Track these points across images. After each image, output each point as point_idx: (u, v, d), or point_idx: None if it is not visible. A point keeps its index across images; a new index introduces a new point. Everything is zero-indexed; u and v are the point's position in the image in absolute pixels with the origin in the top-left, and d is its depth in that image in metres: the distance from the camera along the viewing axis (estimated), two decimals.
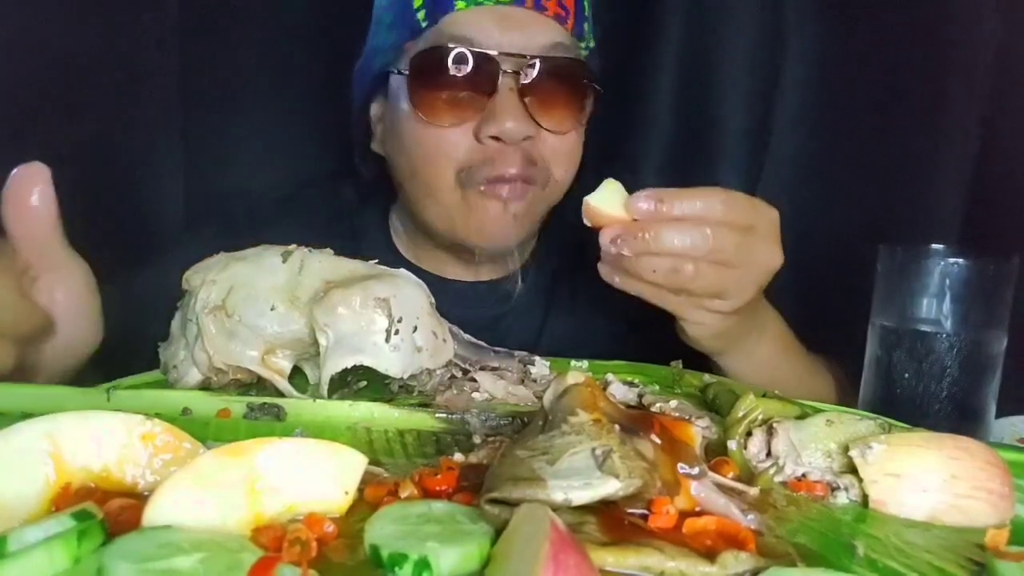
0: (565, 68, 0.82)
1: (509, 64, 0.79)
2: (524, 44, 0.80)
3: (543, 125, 0.82)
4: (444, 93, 0.80)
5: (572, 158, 0.87)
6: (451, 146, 0.81)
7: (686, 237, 0.65)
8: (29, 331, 0.58)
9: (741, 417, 0.55)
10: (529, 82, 0.80)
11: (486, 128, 0.79)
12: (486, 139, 0.80)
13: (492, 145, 0.80)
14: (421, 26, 0.82)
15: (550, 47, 0.81)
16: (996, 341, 0.68)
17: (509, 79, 0.79)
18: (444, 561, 0.35)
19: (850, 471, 0.49)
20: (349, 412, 0.58)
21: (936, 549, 0.42)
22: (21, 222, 0.57)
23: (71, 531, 0.34)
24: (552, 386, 0.50)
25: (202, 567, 0.33)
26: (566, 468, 0.40)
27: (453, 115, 0.81)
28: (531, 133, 0.81)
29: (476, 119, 0.80)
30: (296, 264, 0.63)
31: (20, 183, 0.56)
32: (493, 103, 0.79)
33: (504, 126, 0.79)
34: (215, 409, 0.57)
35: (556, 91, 0.82)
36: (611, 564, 0.36)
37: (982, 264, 0.67)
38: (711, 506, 0.42)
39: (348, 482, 0.42)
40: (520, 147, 0.81)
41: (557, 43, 0.82)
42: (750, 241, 0.67)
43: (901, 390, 0.69)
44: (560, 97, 0.83)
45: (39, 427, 0.40)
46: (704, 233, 0.65)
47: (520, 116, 0.79)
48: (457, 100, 0.80)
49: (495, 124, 0.79)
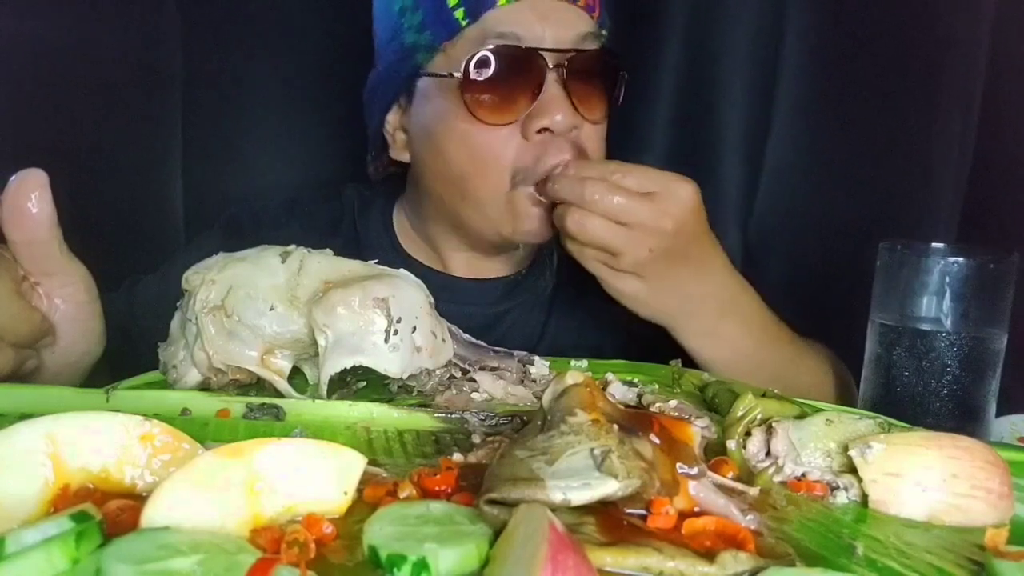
0: (600, 58, 0.84)
1: (553, 58, 0.81)
2: (562, 36, 0.82)
3: (585, 116, 0.83)
4: (497, 92, 0.81)
5: (604, 146, 0.89)
6: (502, 145, 0.82)
7: (583, 189, 0.73)
8: (28, 336, 0.58)
9: (740, 417, 0.55)
10: (572, 74, 0.81)
11: (535, 122, 0.80)
12: (534, 134, 0.81)
13: (539, 139, 0.81)
14: (460, 25, 0.82)
15: (583, 38, 0.83)
16: (996, 339, 0.68)
17: (554, 72, 0.80)
18: (443, 562, 0.35)
19: (849, 471, 0.49)
20: (348, 412, 0.57)
21: (935, 549, 0.42)
22: (20, 228, 0.57)
23: (69, 532, 0.34)
24: (551, 386, 0.50)
25: (200, 568, 0.33)
26: (565, 468, 0.40)
27: (504, 114, 0.81)
28: (578, 123, 0.82)
29: (523, 116, 0.81)
30: (295, 264, 0.63)
31: (18, 188, 0.56)
32: (542, 97, 0.80)
33: (555, 118, 0.80)
34: (214, 409, 0.57)
35: (594, 81, 0.84)
36: (610, 564, 0.36)
37: (982, 262, 0.67)
38: (710, 506, 0.42)
39: (347, 482, 0.42)
40: (568, 137, 0.82)
41: (589, 33, 0.84)
42: (643, 202, 0.73)
43: (901, 388, 0.69)
44: (597, 87, 0.85)
45: (38, 428, 0.40)
46: (597, 187, 0.72)
47: (567, 108, 0.81)
48: (509, 98, 0.81)
49: (545, 117, 0.80)
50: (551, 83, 0.80)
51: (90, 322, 0.63)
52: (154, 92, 1.15)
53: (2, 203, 0.57)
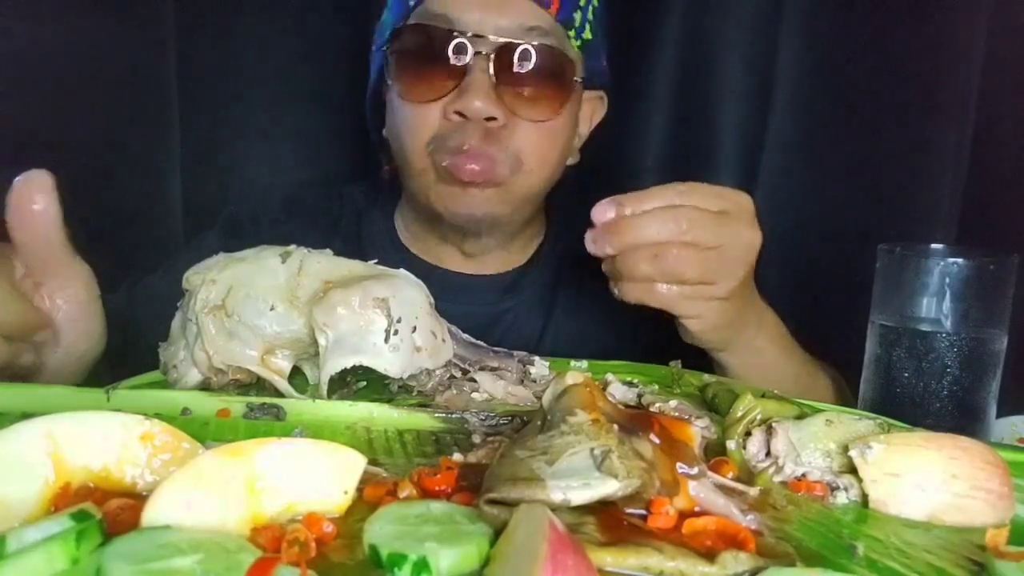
0: (544, 55, 0.82)
1: (483, 46, 0.80)
2: (502, 26, 0.81)
3: (515, 112, 0.82)
4: (420, 71, 0.83)
5: (546, 149, 0.87)
6: (423, 121, 0.83)
7: (660, 224, 0.66)
8: (18, 328, 0.58)
9: (740, 417, 0.55)
10: (503, 65, 0.81)
11: (453, 104, 0.81)
12: (452, 115, 0.82)
13: (456, 120, 0.82)
14: (410, 4, 0.85)
15: (527, 30, 0.82)
16: (996, 340, 0.68)
17: (482, 60, 0.80)
18: (443, 561, 0.35)
19: (850, 471, 0.49)
20: (348, 412, 0.57)
21: (936, 549, 0.42)
22: (25, 228, 0.58)
23: (70, 531, 0.34)
24: (551, 386, 0.50)
25: (201, 568, 0.33)
26: (565, 468, 0.40)
27: (427, 92, 0.82)
28: (496, 115, 0.81)
29: (447, 97, 0.82)
30: (295, 264, 0.63)
31: (23, 190, 0.57)
32: (464, 82, 0.81)
33: (471, 104, 0.80)
34: (214, 409, 0.57)
35: (532, 78, 0.82)
36: (610, 564, 0.36)
37: (982, 263, 0.67)
38: (710, 506, 0.42)
39: (347, 482, 0.42)
40: (482, 125, 0.81)
41: (535, 27, 0.82)
42: (725, 222, 0.68)
43: (901, 389, 0.69)
44: (535, 84, 0.83)
45: (38, 427, 0.40)
46: (676, 216, 0.66)
47: (487, 97, 0.80)
48: (432, 78, 0.82)
49: (461, 101, 0.80)
50: (476, 70, 0.80)
51: (91, 322, 0.63)
52: (152, 92, 1.16)
53: (7, 204, 0.57)
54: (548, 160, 0.88)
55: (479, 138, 0.82)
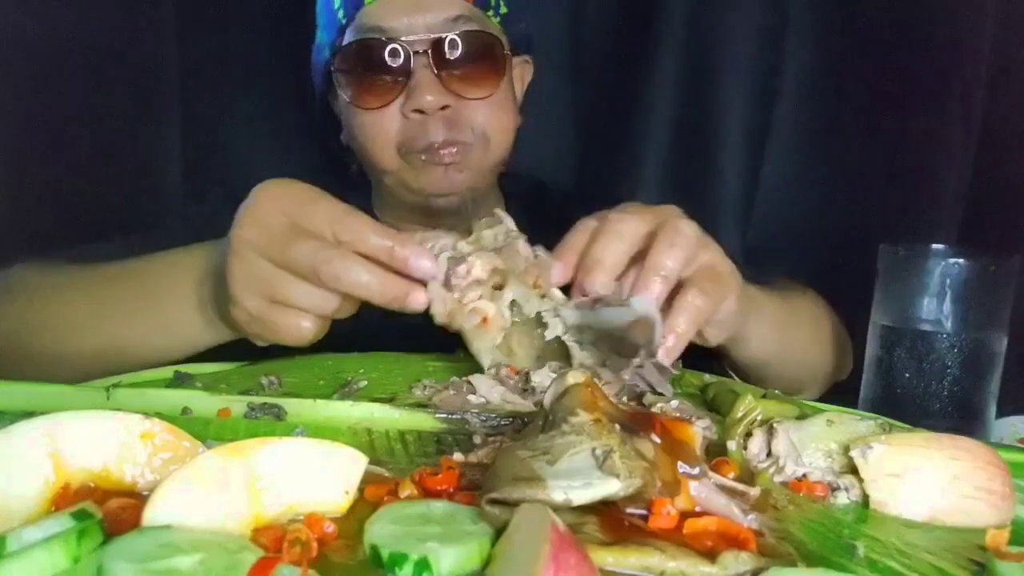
0: (472, 39, 0.89)
1: (420, 45, 0.87)
2: (430, 23, 0.88)
3: (462, 94, 0.89)
4: (369, 81, 0.89)
5: (501, 119, 0.95)
6: (385, 125, 0.90)
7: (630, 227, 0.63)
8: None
9: (741, 417, 0.55)
10: (440, 57, 0.87)
11: (407, 104, 0.88)
12: (410, 114, 0.88)
13: (416, 118, 0.88)
14: (342, 23, 0.91)
15: (454, 21, 0.89)
16: (996, 341, 0.68)
17: (422, 58, 0.87)
18: (444, 561, 0.35)
19: (851, 471, 0.49)
20: (349, 412, 0.57)
21: (937, 550, 0.42)
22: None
23: (70, 531, 0.34)
24: (552, 386, 0.49)
25: (202, 567, 0.33)
26: (566, 468, 0.40)
27: (380, 98, 0.89)
28: (447, 103, 0.88)
29: (400, 99, 0.89)
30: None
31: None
32: (410, 82, 0.88)
33: (424, 100, 0.86)
34: (215, 408, 0.57)
35: (467, 62, 0.89)
36: (612, 564, 0.36)
37: (982, 264, 0.67)
38: (711, 506, 0.42)
39: (349, 482, 0.42)
40: (442, 116, 0.88)
41: (459, 16, 0.89)
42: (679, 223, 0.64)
43: (902, 390, 0.69)
44: (471, 66, 0.90)
45: (39, 426, 0.40)
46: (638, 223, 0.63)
47: (435, 89, 0.87)
48: (381, 85, 0.89)
49: (413, 99, 0.87)
50: (419, 68, 0.87)
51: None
52: (151, 83, 1.16)
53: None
54: (506, 127, 0.96)
55: (444, 129, 0.89)
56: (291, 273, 0.59)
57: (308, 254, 0.57)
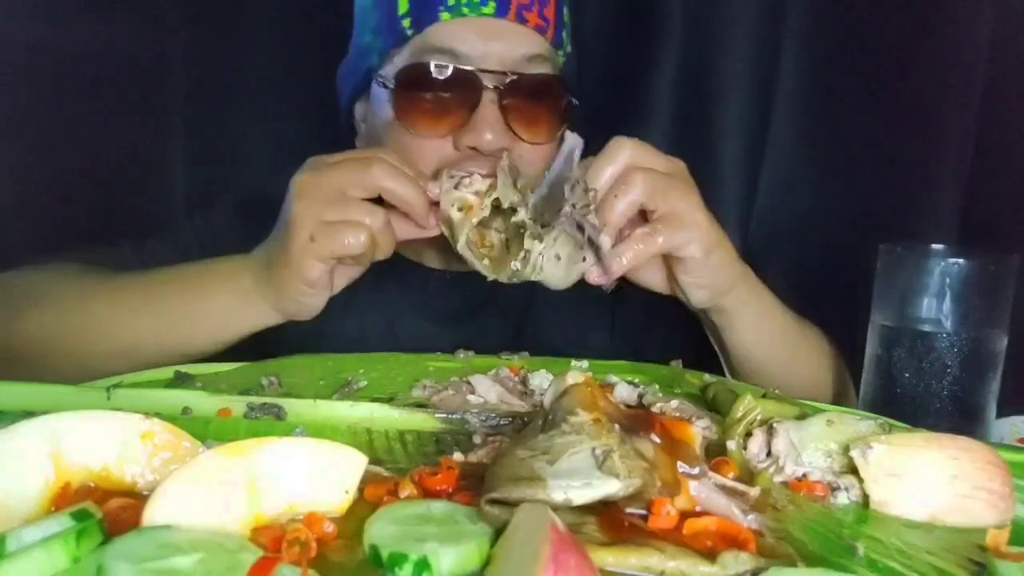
0: (545, 84, 0.84)
1: (490, 80, 0.81)
2: (505, 56, 0.82)
3: (521, 137, 0.83)
4: (427, 106, 0.82)
5: (540, 164, 0.87)
6: (431, 153, 0.83)
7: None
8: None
9: (741, 417, 0.55)
10: (509, 96, 0.81)
11: (466, 139, 0.81)
12: (464, 148, 0.82)
13: (469, 153, 0.82)
14: (407, 34, 0.84)
15: (530, 59, 0.83)
16: (996, 340, 0.68)
17: (491, 93, 0.81)
18: (444, 561, 0.35)
19: (851, 471, 0.49)
20: (349, 412, 0.57)
21: (937, 549, 0.42)
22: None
23: (70, 531, 0.34)
24: (552, 386, 0.50)
25: (201, 567, 0.33)
26: (566, 468, 0.40)
27: (435, 127, 0.82)
28: (507, 145, 0.81)
29: (457, 130, 0.82)
30: None
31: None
32: (474, 116, 0.81)
33: (483, 138, 0.80)
34: (215, 408, 0.57)
35: (534, 106, 0.83)
36: (611, 564, 0.36)
37: (982, 263, 0.67)
38: (711, 506, 0.42)
39: (348, 482, 0.42)
40: (493, 155, 0.81)
41: (536, 55, 0.84)
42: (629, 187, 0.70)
43: (901, 389, 0.69)
44: (538, 111, 0.84)
45: (39, 426, 0.40)
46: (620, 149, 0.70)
47: (499, 129, 0.81)
48: (440, 113, 0.82)
49: (474, 135, 0.80)
50: (486, 103, 0.81)
51: None
52: (155, 87, 1.16)
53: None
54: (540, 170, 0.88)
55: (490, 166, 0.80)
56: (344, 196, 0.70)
57: (355, 167, 0.71)
